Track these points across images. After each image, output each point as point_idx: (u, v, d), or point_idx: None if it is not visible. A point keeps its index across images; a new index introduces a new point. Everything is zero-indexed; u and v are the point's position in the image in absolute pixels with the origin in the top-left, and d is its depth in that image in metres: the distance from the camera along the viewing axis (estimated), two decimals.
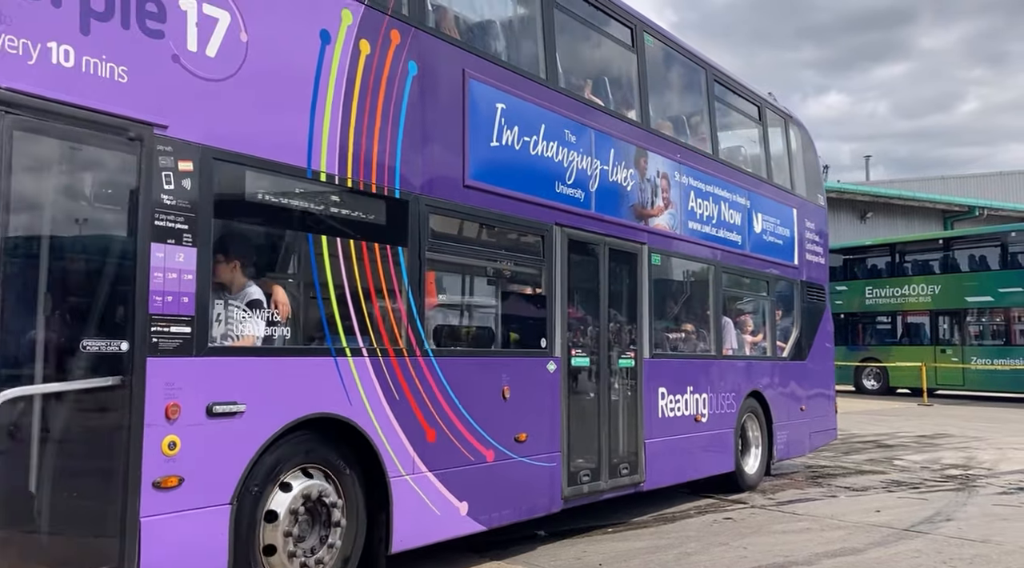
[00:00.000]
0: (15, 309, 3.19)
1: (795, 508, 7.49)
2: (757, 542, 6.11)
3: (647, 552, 5.80)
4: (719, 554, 5.76)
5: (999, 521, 6.79)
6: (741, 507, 7.49)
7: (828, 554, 5.74)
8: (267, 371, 4.10)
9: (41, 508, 3.27)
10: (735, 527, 6.67)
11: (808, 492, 8.35)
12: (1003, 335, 20.28)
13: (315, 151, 4.37)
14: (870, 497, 8.01)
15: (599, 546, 5.99)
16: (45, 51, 3.27)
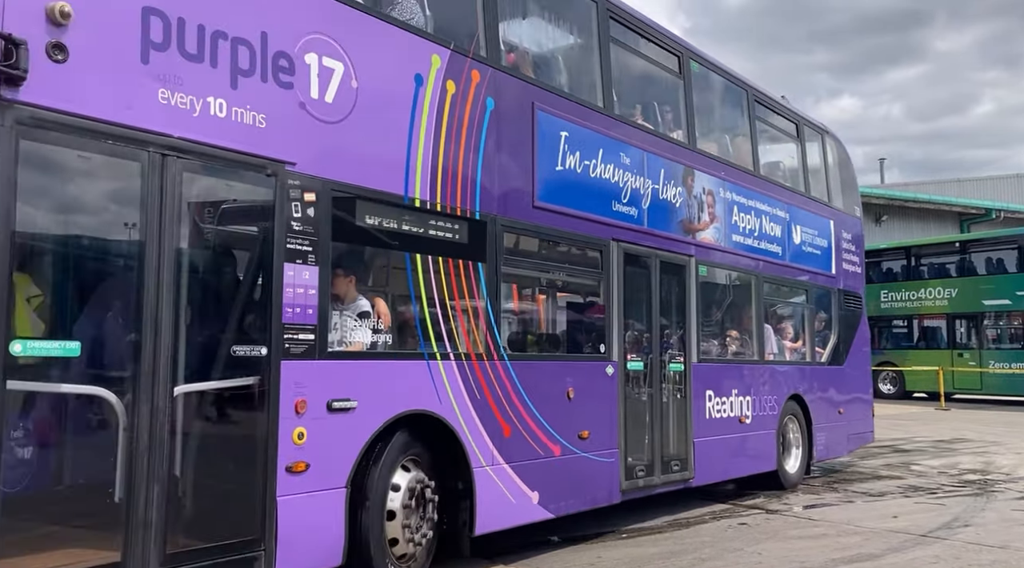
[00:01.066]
0: (183, 321, 3.82)
1: (811, 513, 7.48)
2: (772, 548, 6.07)
3: (662, 557, 5.77)
4: (733, 560, 5.72)
5: (1018, 526, 6.77)
6: (756, 512, 7.49)
7: (844, 560, 5.68)
8: (373, 372, 4.71)
9: (198, 486, 3.89)
10: (750, 533, 6.64)
11: (824, 497, 8.32)
12: (1021, 339, 20.26)
13: (411, 180, 4.99)
14: (887, 502, 7.98)
15: (613, 551, 5.96)
16: (205, 104, 3.92)
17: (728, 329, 8.50)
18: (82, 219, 3.66)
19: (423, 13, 5.25)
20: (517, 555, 5.73)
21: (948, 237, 24.84)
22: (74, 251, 3.65)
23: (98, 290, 3.69)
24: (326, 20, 4.55)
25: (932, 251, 22.35)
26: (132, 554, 3.58)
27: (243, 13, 4.12)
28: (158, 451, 3.67)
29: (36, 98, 3.33)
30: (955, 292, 20.94)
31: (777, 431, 8.75)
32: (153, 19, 3.75)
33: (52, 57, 3.38)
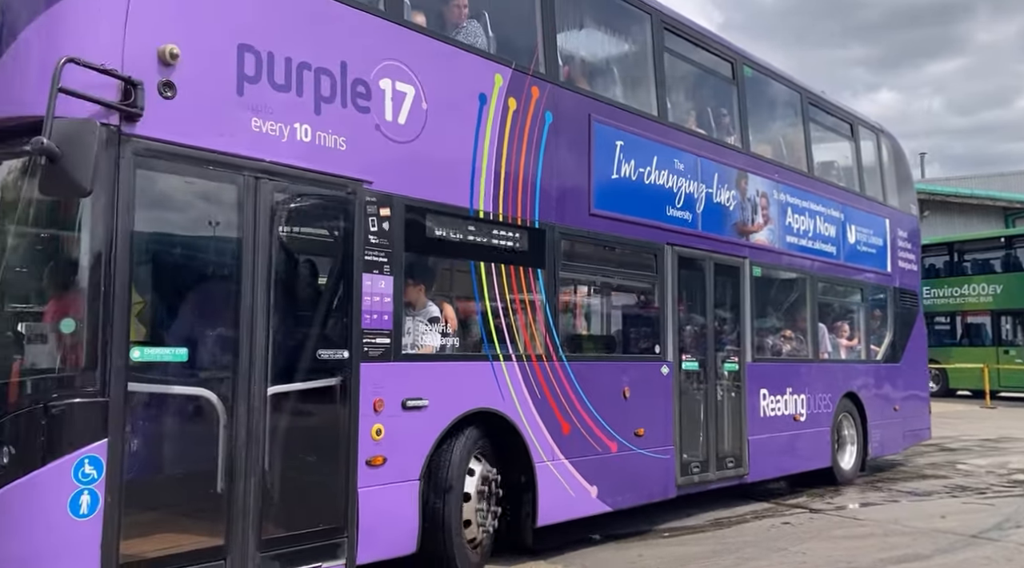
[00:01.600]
0: (274, 328, 4.21)
1: (856, 513, 7.42)
2: (816, 547, 6.02)
3: (704, 557, 5.75)
4: (778, 559, 5.66)
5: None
6: (799, 512, 7.44)
7: (893, 560, 5.61)
8: (442, 373, 5.06)
9: (289, 478, 4.28)
10: (793, 532, 6.60)
11: (868, 497, 8.24)
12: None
13: (475, 193, 5.32)
14: (934, 502, 7.90)
15: (655, 550, 5.97)
16: (292, 130, 4.30)
17: (783, 328, 8.66)
18: (188, 238, 4.08)
19: (486, 35, 5.57)
20: (558, 552, 5.77)
21: (993, 232, 24.24)
22: (182, 266, 4.07)
23: (202, 301, 4.10)
24: (399, 47, 4.89)
25: (976, 247, 21.98)
26: (234, 539, 3.98)
27: (325, 45, 4.49)
28: (254, 446, 4.07)
29: (149, 131, 3.74)
30: (1000, 288, 20.54)
31: (832, 429, 8.88)
32: (247, 54, 4.14)
33: (163, 94, 3.79)
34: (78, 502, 3.49)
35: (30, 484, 3.43)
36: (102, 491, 3.54)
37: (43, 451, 3.45)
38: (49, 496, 3.44)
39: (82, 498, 3.50)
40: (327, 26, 4.55)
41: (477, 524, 5.18)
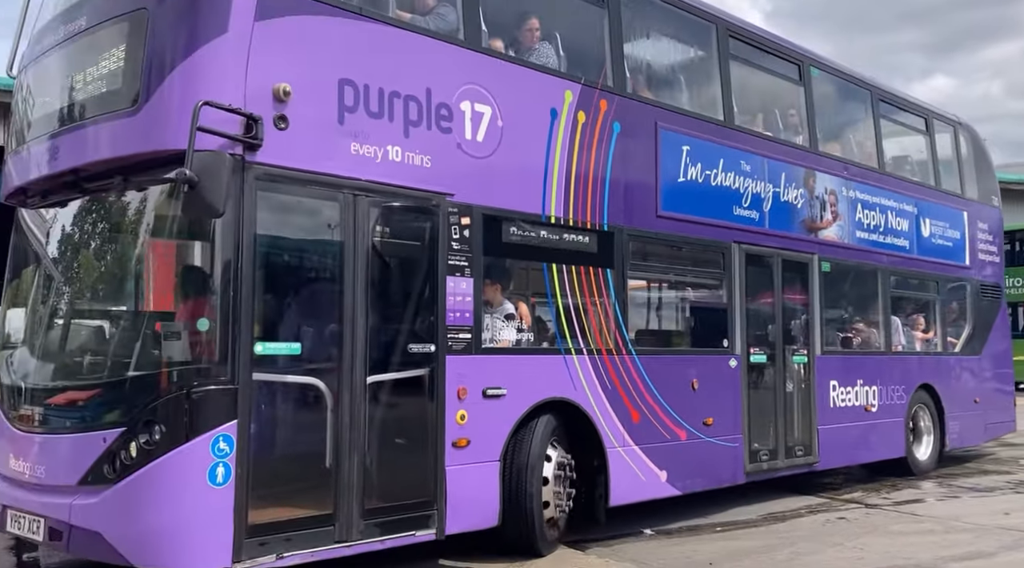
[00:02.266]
0: (371, 325, 4.81)
1: (913, 509, 7.30)
2: (873, 543, 5.92)
3: (758, 552, 5.70)
4: (834, 555, 5.58)
5: None
6: (854, 507, 7.35)
7: (955, 557, 5.50)
8: (518, 365, 5.59)
9: (386, 456, 4.87)
10: (849, 527, 6.50)
11: (926, 492, 8.13)
12: None
13: (547, 200, 5.82)
14: (996, 498, 7.76)
15: (708, 545, 5.95)
16: (385, 152, 4.90)
17: (854, 322, 8.84)
18: (299, 248, 4.74)
19: (557, 55, 6.06)
20: (609, 546, 5.82)
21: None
22: (294, 272, 4.73)
23: (310, 301, 4.74)
24: (478, 72, 5.44)
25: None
26: (340, 508, 4.61)
27: (413, 75, 5.07)
28: (356, 428, 4.68)
29: (267, 158, 4.39)
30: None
31: (905, 419, 9.00)
32: (346, 87, 4.76)
33: (277, 126, 4.43)
34: (215, 473, 4.17)
35: (177, 456, 4.13)
36: (233, 464, 4.21)
37: (187, 429, 4.14)
38: (192, 466, 4.13)
39: (218, 470, 4.18)
40: (414, 57, 5.12)
41: (554, 505, 5.69)
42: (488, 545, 5.57)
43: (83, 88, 4.69)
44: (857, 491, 8.08)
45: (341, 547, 4.58)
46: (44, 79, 5.06)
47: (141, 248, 4.63)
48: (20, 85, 5.37)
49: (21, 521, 4.69)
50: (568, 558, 5.45)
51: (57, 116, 4.84)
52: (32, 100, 5.17)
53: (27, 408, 4.87)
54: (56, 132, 4.79)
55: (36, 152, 4.94)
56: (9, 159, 5.32)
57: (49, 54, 5.02)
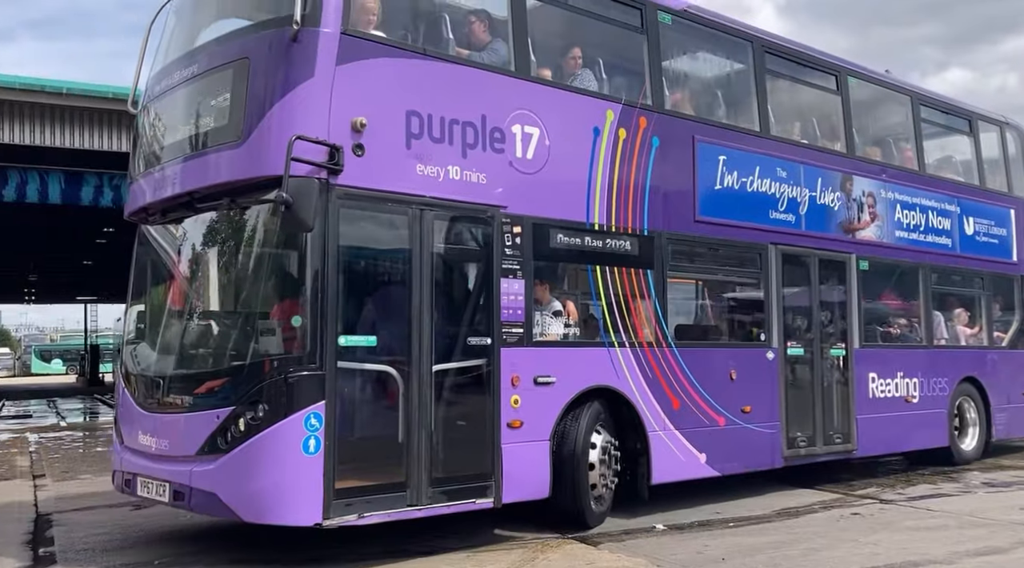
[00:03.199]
0: (435, 321, 5.59)
1: (928, 504, 7.27)
2: (888, 539, 5.90)
3: (772, 547, 5.70)
4: (848, 551, 5.58)
5: None
6: (869, 503, 7.34)
7: (969, 553, 5.48)
8: (566, 356, 6.30)
9: (449, 434, 5.64)
10: (863, 523, 6.50)
11: (941, 488, 8.09)
12: None
13: (591, 209, 6.51)
14: (1012, 494, 7.74)
15: (721, 540, 5.94)
16: (446, 171, 5.67)
17: (894, 316, 9.24)
18: (374, 255, 5.56)
19: (598, 79, 6.74)
20: (621, 541, 5.91)
21: None
22: (371, 276, 5.56)
23: (384, 300, 5.55)
24: (527, 98, 6.17)
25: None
26: (411, 477, 5.39)
27: (470, 103, 5.83)
28: (424, 409, 5.46)
29: (347, 181, 5.21)
30: None
31: (948, 411, 9.35)
32: (412, 118, 5.55)
33: (355, 153, 5.25)
34: (307, 444, 5.01)
35: (278, 430, 4.98)
36: (323, 437, 5.03)
37: (284, 408, 4.99)
38: (290, 438, 4.98)
39: (310, 442, 5.01)
40: (470, 88, 5.89)
41: (601, 485, 6.37)
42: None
43: (196, 123, 5.61)
44: (872, 486, 8.14)
45: (412, 510, 5.38)
46: (163, 115, 6.02)
47: (244, 257, 5.53)
48: (142, 119, 6.36)
49: (149, 486, 5.64)
50: (580, 554, 5.51)
51: (175, 147, 5.78)
52: (153, 133, 6.14)
53: (152, 392, 5.84)
54: (174, 161, 5.73)
55: (157, 177, 5.89)
56: (133, 184, 6.31)
57: (167, 94, 5.97)
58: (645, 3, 7.02)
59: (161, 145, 5.99)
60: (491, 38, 6.23)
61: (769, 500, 7.34)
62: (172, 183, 5.74)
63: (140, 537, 6.28)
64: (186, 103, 5.75)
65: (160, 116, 6.06)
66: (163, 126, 5.99)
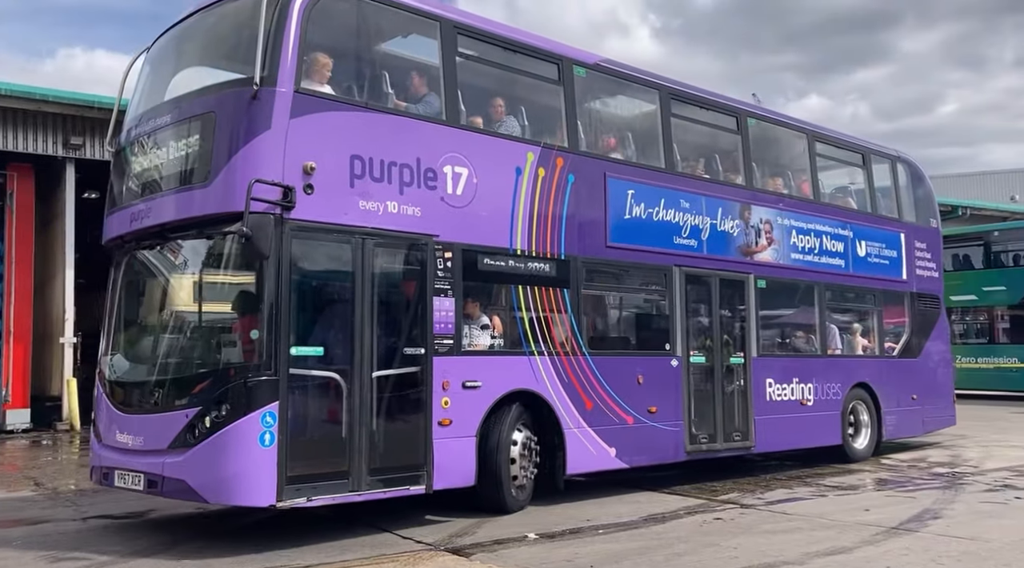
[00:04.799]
0: (376, 333, 6.56)
1: (784, 508, 7.58)
2: (747, 542, 6.13)
3: (637, 553, 5.86)
4: (709, 555, 5.78)
5: (986, 518, 6.93)
6: (731, 507, 7.62)
7: (818, 553, 5.76)
8: (491, 364, 7.31)
9: (388, 431, 6.60)
10: (724, 527, 6.77)
11: (797, 492, 8.48)
12: (987, 333, 20.71)
13: (514, 236, 7.55)
14: (859, 496, 8.17)
15: (590, 547, 6.06)
16: (385, 206, 6.66)
17: (791, 329, 10.43)
18: (323, 278, 6.52)
19: (521, 125, 7.81)
20: (493, 551, 5.97)
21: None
22: (319, 296, 6.52)
23: (331, 317, 6.50)
24: (457, 142, 7.19)
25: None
26: (353, 467, 6.33)
27: (406, 148, 6.84)
28: (365, 410, 6.42)
29: (298, 215, 6.17)
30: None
31: (842, 413, 10.54)
32: (356, 161, 6.54)
33: (306, 192, 6.22)
34: (264, 438, 5.94)
35: (239, 426, 5.90)
36: (276, 433, 5.96)
37: (244, 408, 5.92)
38: (249, 433, 5.90)
39: (266, 436, 5.94)
40: (407, 135, 6.90)
41: (521, 476, 7.38)
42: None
43: (169, 166, 6.55)
44: (734, 492, 8.48)
45: (353, 495, 6.33)
46: (139, 157, 6.93)
47: (209, 280, 6.46)
48: (118, 159, 7.25)
49: (126, 478, 6.51)
50: (452, 566, 5.62)
51: (150, 185, 6.70)
52: (128, 171, 7.04)
53: (129, 397, 6.73)
54: (149, 197, 6.65)
55: (133, 211, 6.80)
56: (111, 215, 7.20)
57: (143, 138, 6.89)
58: (562, 58, 8.13)
59: (136, 183, 6.89)
60: (427, 91, 7.26)
61: (638, 507, 7.62)
62: (147, 216, 6.65)
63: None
64: (160, 148, 6.67)
65: (137, 157, 6.97)
66: (139, 166, 6.90)
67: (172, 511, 7.54)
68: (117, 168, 7.29)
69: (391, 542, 6.26)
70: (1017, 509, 7.29)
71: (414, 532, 6.53)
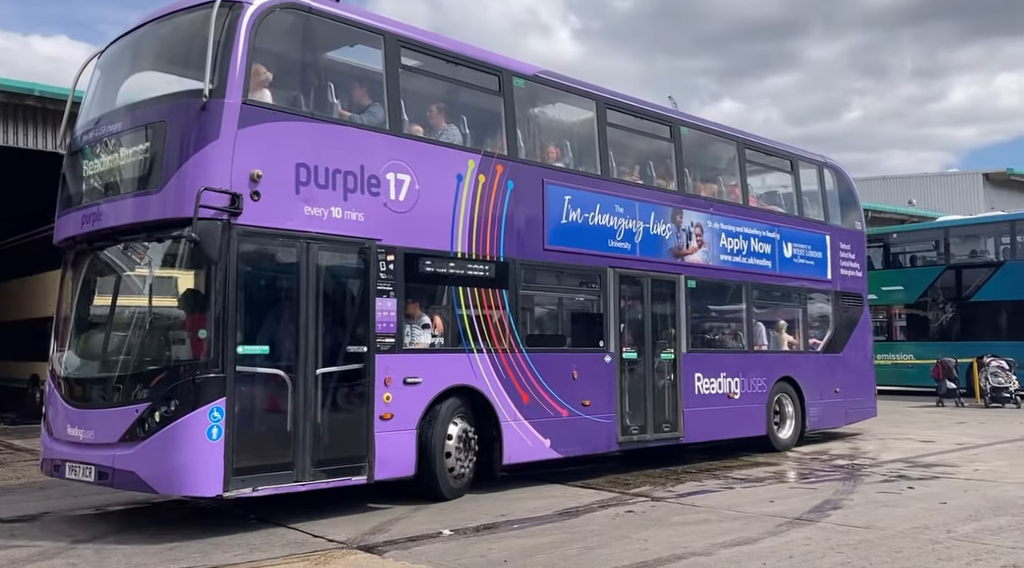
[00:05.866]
0: (320, 332, 6.92)
1: (694, 500, 7.77)
2: (657, 534, 6.27)
3: (552, 547, 5.92)
4: (621, 547, 5.87)
5: (881, 508, 7.23)
6: (642, 500, 7.75)
7: (725, 544, 5.93)
8: (432, 361, 7.73)
9: (332, 425, 6.96)
10: (636, 520, 6.87)
11: (706, 484, 8.67)
12: (886, 331, 21.82)
13: (455, 240, 7.96)
14: (764, 488, 8.38)
15: (504, 543, 6.08)
16: (329, 211, 7.01)
17: (719, 326, 11.04)
18: (269, 280, 6.86)
19: (462, 132, 8.21)
20: (407, 549, 5.96)
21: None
22: (265, 297, 6.86)
23: (277, 316, 6.84)
24: (400, 151, 7.56)
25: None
26: (297, 459, 6.70)
27: (350, 156, 7.19)
28: (309, 404, 6.79)
29: (245, 221, 6.48)
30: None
31: (767, 405, 11.20)
32: (301, 168, 6.87)
33: (253, 198, 6.54)
34: (211, 432, 6.27)
35: (186, 421, 6.22)
36: (223, 427, 6.29)
37: (193, 403, 6.24)
38: (196, 428, 6.23)
39: (213, 430, 6.28)
40: (351, 143, 7.26)
41: (458, 466, 7.80)
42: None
43: (120, 171, 6.82)
44: (646, 485, 8.62)
45: (297, 485, 6.70)
46: (90, 160, 7.17)
47: (158, 281, 6.76)
48: (71, 161, 7.47)
49: (76, 470, 6.79)
50: (364, 564, 5.56)
51: (101, 189, 6.96)
52: (80, 174, 7.28)
53: (80, 392, 7.00)
54: (100, 201, 6.91)
55: (85, 213, 7.04)
56: (62, 216, 7.42)
57: (95, 143, 7.13)
58: (501, 70, 8.55)
59: (88, 186, 7.14)
60: (371, 101, 7.62)
61: (553, 501, 7.74)
62: (98, 218, 6.90)
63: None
64: (112, 153, 6.93)
65: (88, 161, 7.20)
66: (90, 170, 7.14)
67: (71, 512, 7.47)
68: (69, 170, 7.51)
69: (301, 540, 6.25)
70: (910, 498, 7.72)
71: (326, 530, 6.52)
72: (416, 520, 6.96)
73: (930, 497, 7.70)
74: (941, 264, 21.87)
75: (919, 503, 7.43)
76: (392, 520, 6.96)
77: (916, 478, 8.82)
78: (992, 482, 8.51)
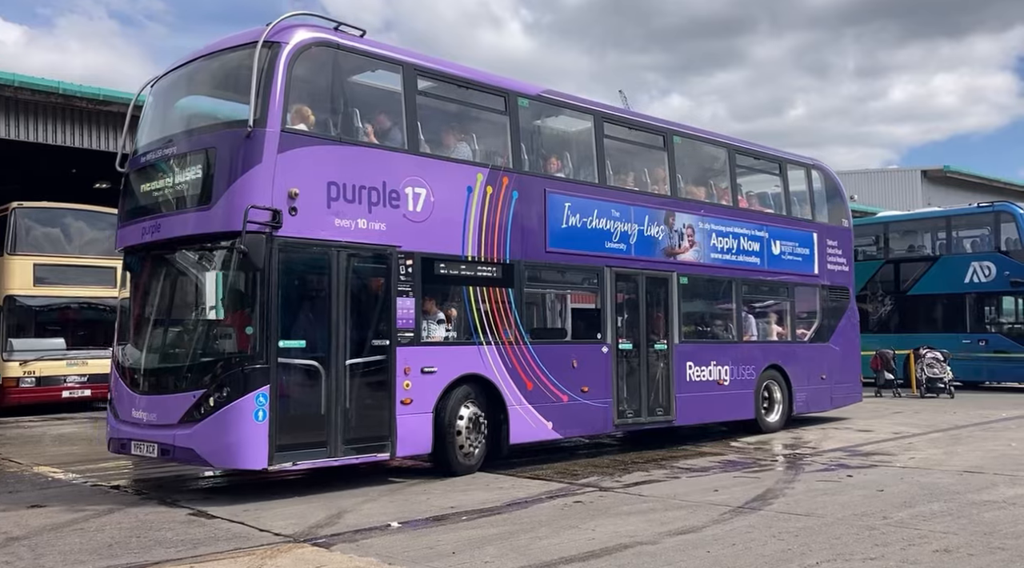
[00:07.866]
0: (349, 328, 7.96)
1: (640, 490, 7.88)
2: (604, 524, 6.34)
3: (500, 538, 5.94)
4: (569, 536, 5.94)
5: (822, 496, 7.39)
6: (590, 490, 7.86)
7: (671, 533, 6.02)
8: (446, 352, 8.76)
9: (359, 408, 8.02)
10: (584, 510, 6.94)
11: (653, 474, 8.82)
12: None
13: (466, 245, 8.97)
14: (709, 477, 8.55)
15: (453, 534, 6.09)
16: (355, 223, 8.04)
17: (711, 318, 12.00)
18: (305, 283, 7.92)
19: (472, 148, 9.21)
20: (354, 541, 5.92)
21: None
22: (303, 298, 7.92)
23: (312, 314, 7.90)
24: (417, 168, 8.57)
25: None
26: (331, 438, 7.77)
27: (374, 174, 8.20)
28: (341, 391, 7.84)
29: (285, 233, 7.53)
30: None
31: (755, 391, 12.16)
32: (331, 186, 7.91)
33: (291, 214, 7.59)
34: (258, 414, 7.35)
35: (237, 405, 7.30)
36: (268, 410, 7.37)
37: (242, 390, 7.31)
38: (245, 411, 7.30)
39: (259, 413, 7.35)
40: (374, 162, 8.28)
41: (468, 445, 8.84)
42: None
43: (175, 189, 7.88)
44: (594, 475, 8.78)
45: (331, 460, 7.79)
46: (149, 180, 8.24)
47: (211, 285, 7.81)
48: (131, 179, 8.55)
49: (141, 447, 7.90)
50: (311, 557, 5.50)
51: (160, 204, 8.03)
52: (140, 190, 8.35)
53: (143, 380, 8.11)
54: (159, 215, 7.99)
55: (144, 225, 8.12)
56: (123, 227, 8.51)
57: (152, 164, 8.20)
58: (507, 91, 9.52)
59: (147, 201, 8.22)
60: (391, 124, 8.63)
61: (502, 493, 7.83)
62: (157, 230, 7.99)
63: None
64: (168, 174, 8.00)
65: (147, 180, 8.28)
66: (149, 188, 8.22)
67: (5, 510, 7.21)
68: (128, 187, 8.59)
69: (246, 535, 6.16)
70: (849, 486, 7.91)
71: (272, 524, 6.46)
72: (364, 512, 6.96)
73: (868, 485, 7.94)
74: (880, 258, 22.28)
75: (857, 491, 7.65)
76: (339, 513, 6.93)
77: (855, 467, 9.06)
78: (926, 469, 8.81)
